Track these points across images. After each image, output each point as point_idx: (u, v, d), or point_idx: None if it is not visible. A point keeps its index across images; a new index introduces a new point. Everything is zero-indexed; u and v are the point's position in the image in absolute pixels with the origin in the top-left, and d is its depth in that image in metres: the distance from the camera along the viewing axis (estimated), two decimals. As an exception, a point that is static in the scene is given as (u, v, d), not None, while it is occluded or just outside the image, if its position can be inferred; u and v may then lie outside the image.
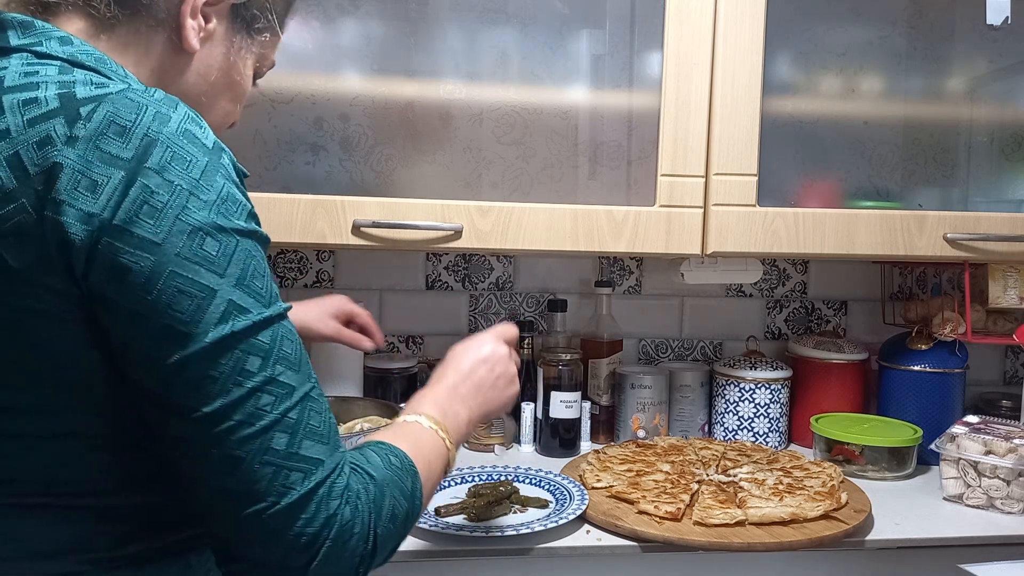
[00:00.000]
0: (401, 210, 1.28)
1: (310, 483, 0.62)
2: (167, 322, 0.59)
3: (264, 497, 0.61)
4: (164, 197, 0.59)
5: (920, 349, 1.53)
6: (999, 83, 1.43)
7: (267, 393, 0.62)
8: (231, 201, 0.62)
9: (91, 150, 0.59)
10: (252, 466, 0.61)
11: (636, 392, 1.57)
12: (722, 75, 1.32)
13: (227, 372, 0.60)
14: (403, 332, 1.68)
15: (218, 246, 0.61)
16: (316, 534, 0.62)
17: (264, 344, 0.62)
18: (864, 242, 1.36)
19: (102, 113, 0.60)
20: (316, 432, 0.64)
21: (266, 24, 0.79)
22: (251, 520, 0.61)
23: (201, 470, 0.62)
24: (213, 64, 0.76)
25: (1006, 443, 1.30)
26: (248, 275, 0.62)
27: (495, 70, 1.32)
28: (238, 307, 0.61)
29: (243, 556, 0.64)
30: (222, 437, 0.60)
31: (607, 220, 1.32)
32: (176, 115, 0.62)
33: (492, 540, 1.12)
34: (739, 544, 1.12)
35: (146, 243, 0.58)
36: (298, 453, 0.62)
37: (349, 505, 0.65)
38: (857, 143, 1.39)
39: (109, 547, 0.65)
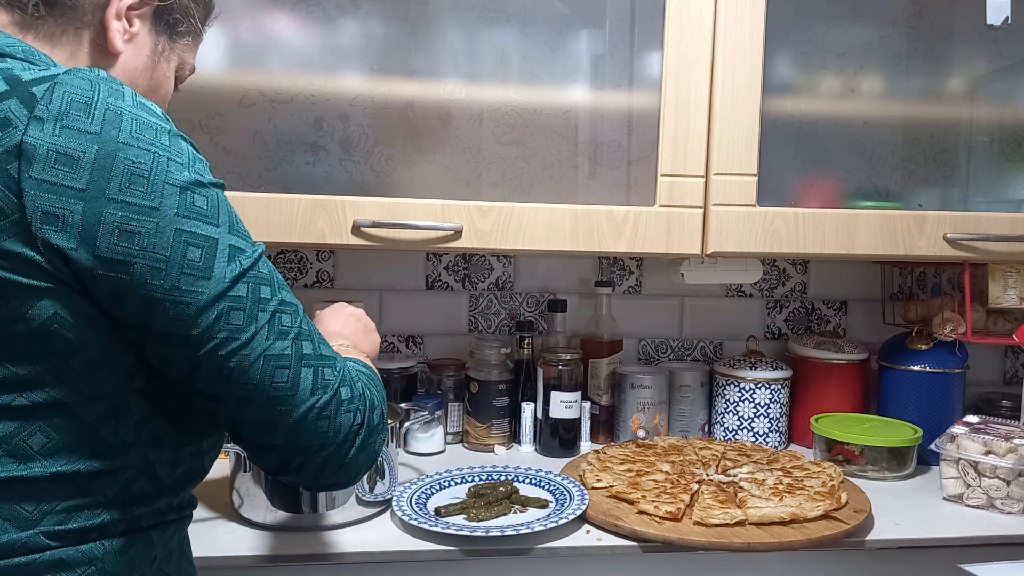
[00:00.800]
0: (401, 210, 1.28)
1: (338, 373, 0.73)
2: (187, 271, 0.65)
3: (314, 392, 0.71)
4: (147, 165, 0.65)
5: (920, 349, 1.53)
6: (999, 83, 1.43)
7: (284, 312, 0.71)
8: (197, 160, 0.69)
9: (59, 128, 0.62)
10: (296, 371, 0.70)
11: (636, 392, 1.57)
12: (722, 75, 1.32)
13: (250, 302, 0.68)
14: (403, 332, 1.68)
15: (205, 200, 0.67)
16: (356, 409, 0.74)
17: (266, 274, 0.71)
18: (864, 242, 1.36)
19: (60, 92, 0.63)
20: (320, 337, 0.75)
21: (188, 28, 0.84)
22: (308, 415, 0.70)
23: (252, 390, 0.69)
24: (138, 66, 0.80)
25: (1006, 443, 1.30)
26: (233, 221, 0.70)
27: (495, 70, 1.32)
28: (237, 249, 0.69)
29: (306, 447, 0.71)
30: (263, 355, 0.68)
31: (607, 220, 1.32)
32: (126, 91, 0.67)
33: (492, 540, 1.12)
34: (739, 544, 1.12)
35: (145, 209, 0.64)
36: (321, 353, 0.73)
37: (365, 387, 0.77)
38: (857, 143, 1.39)
39: (80, 520, 0.68)
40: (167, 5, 0.80)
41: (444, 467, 1.39)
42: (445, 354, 1.67)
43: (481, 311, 1.70)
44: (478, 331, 1.70)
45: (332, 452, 0.72)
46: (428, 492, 1.27)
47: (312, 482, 0.75)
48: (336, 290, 1.65)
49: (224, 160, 1.27)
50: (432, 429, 1.51)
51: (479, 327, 1.70)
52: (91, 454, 0.68)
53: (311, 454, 0.72)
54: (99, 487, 0.68)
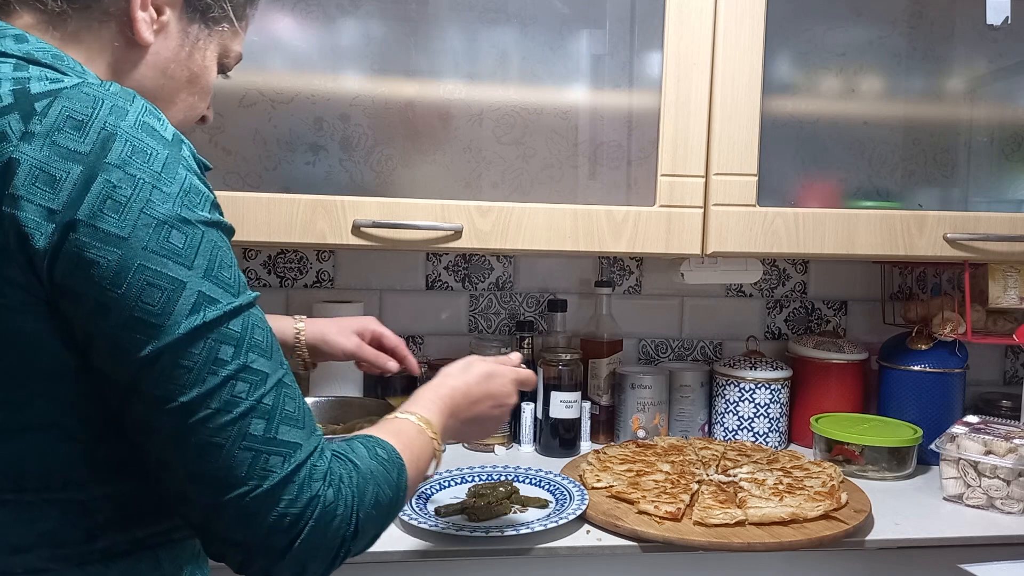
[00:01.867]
0: (401, 210, 1.28)
1: (290, 465, 0.64)
2: (137, 315, 0.59)
3: (245, 481, 0.62)
4: (127, 191, 0.59)
5: (920, 349, 1.53)
6: (999, 83, 1.43)
7: (241, 380, 0.62)
8: (194, 192, 0.63)
9: (48, 145, 0.59)
10: (232, 452, 0.61)
11: (636, 392, 1.57)
12: (722, 75, 1.32)
13: (201, 361, 0.61)
14: (403, 332, 1.68)
15: (184, 238, 0.61)
16: (299, 515, 0.63)
17: (236, 332, 0.63)
18: (864, 242, 1.36)
19: (57, 108, 0.60)
20: (291, 417, 0.65)
21: (222, 14, 0.78)
22: (232, 504, 0.62)
23: (176, 458, 0.62)
24: (169, 57, 0.75)
25: (1006, 443, 1.30)
26: (216, 266, 0.63)
27: (495, 70, 1.32)
28: (208, 298, 0.61)
29: (223, 539, 0.64)
30: (199, 425, 0.61)
31: (607, 220, 1.32)
32: (133, 108, 0.62)
33: (492, 540, 1.12)
34: (739, 544, 1.12)
35: (112, 238, 0.59)
36: (276, 438, 0.63)
37: (332, 488, 0.66)
38: (857, 143, 1.39)
39: (78, 541, 0.65)
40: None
41: (444, 467, 1.39)
42: (445, 354, 1.67)
43: (481, 311, 1.70)
44: (478, 331, 1.70)
45: (255, 552, 0.64)
46: (428, 492, 1.27)
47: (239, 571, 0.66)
48: (336, 290, 1.65)
49: (224, 160, 1.27)
50: (432, 429, 1.51)
51: (479, 327, 1.70)
52: (87, 476, 0.65)
53: (229, 546, 0.64)
54: (97, 508, 0.65)
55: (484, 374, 0.96)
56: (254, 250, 1.63)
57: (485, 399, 0.94)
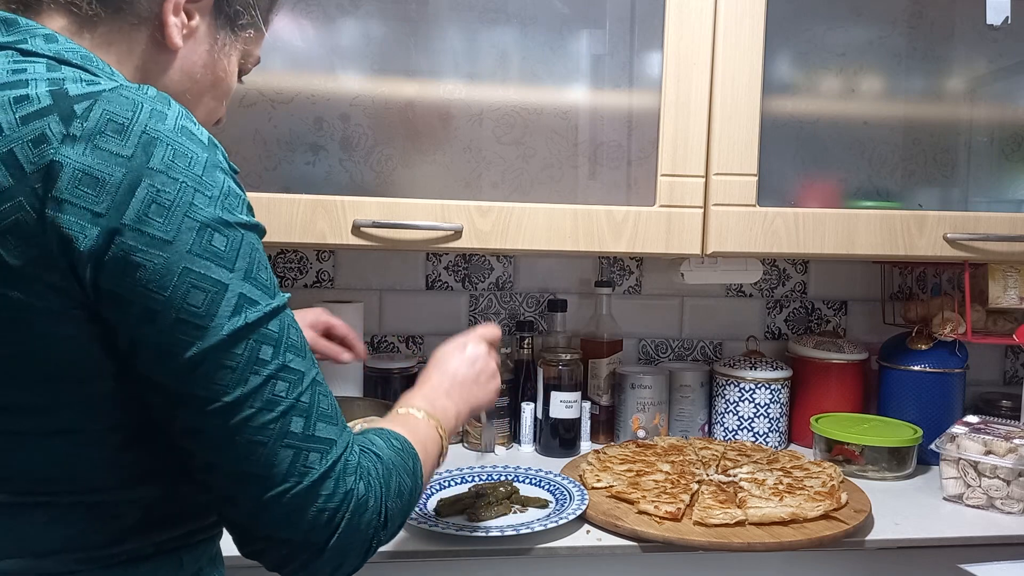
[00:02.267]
0: (401, 210, 1.28)
1: (327, 462, 0.65)
2: (183, 316, 0.60)
3: (287, 478, 0.64)
4: (171, 195, 0.60)
5: (920, 349, 1.53)
6: (999, 83, 1.43)
7: (281, 380, 0.64)
8: (232, 195, 0.64)
9: (90, 148, 0.59)
10: (274, 450, 0.63)
11: (636, 392, 1.57)
12: (722, 75, 1.32)
13: (243, 362, 0.62)
14: (403, 332, 1.68)
15: (225, 241, 0.62)
16: (336, 509, 0.65)
17: (274, 333, 0.64)
18: (864, 242, 1.36)
19: (99, 111, 0.60)
20: (326, 414, 0.67)
21: (250, 20, 0.79)
22: (274, 501, 0.64)
23: (219, 458, 0.63)
24: (197, 61, 0.76)
25: (1006, 443, 1.30)
26: (254, 268, 0.64)
27: (495, 70, 1.32)
28: (248, 299, 0.63)
29: (265, 537, 0.65)
30: (243, 424, 0.62)
31: (607, 220, 1.32)
32: (171, 112, 0.63)
33: (492, 540, 1.12)
34: (739, 544, 1.12)
35: (157, 241, 0.59)
36: (314, 435, 0.65)
37: (363, 481, 0.68)
38: (857, 143, 1.39)
39: (104, 545, 0.65)
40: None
41: (444, 467, 1.39)
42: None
43: (481, 311, 1.70)
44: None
45: (297, 548, 0.65)
46: (428, 492, 1.27)
47: (277, 569, 0.68)
48: (336, 290, 1.65)
49: (224, 160, 1.27)
50: (432, 429, 1.51)
51: (479, 327, 1.69)
52: (113, 482, 0.65)
53: (271, 544, 0.66)
54: (122, 513, 0.66)
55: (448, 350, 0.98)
56: (254, 250, 1.62)
57: (461, 365, 0.96)
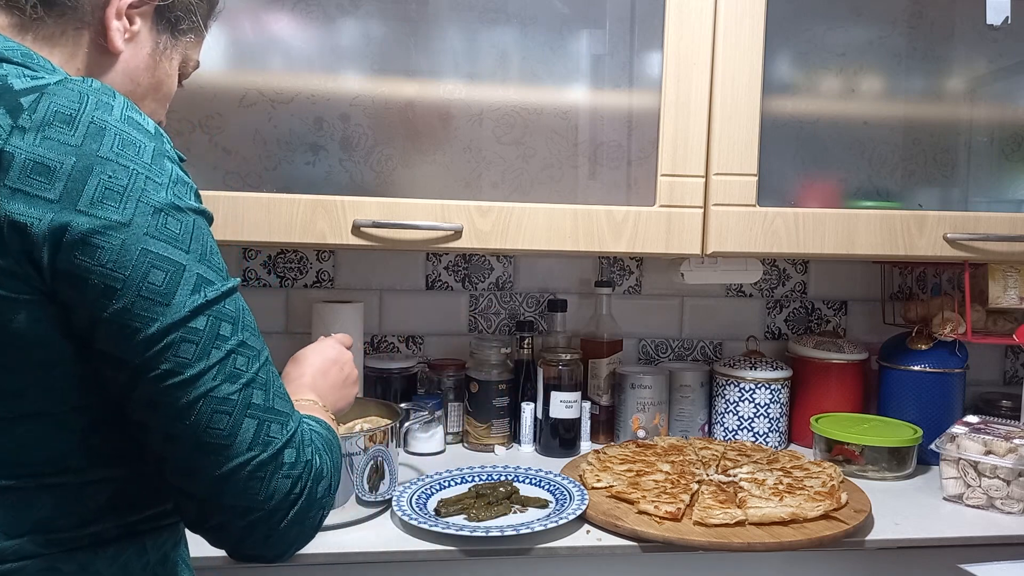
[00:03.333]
0: (401, 210, 1.28)
1: (287, 432, 0.69)
2: (144, 294, 0.62)
3: (252, 447, 0.66)
4: (123, 181, 0.62)
5: (920, 349, 1.53)
6: (999, 83, 1.43)
7: (240, 355, 0.67)
8: (181, 183, 0.66)
9: (41, 139, 0.61)
10: (238, 420, 0.65)
11: (636, 392, 1.57)
12: (722, 75, 1.32)
13: (205, 337, 0.65)
14: (403, 332, 1.68)
15: (179, 225, 0.65)
16: (298, 477, 0.68)
17: (231, 312, 0.67)
18: (864, 242, 1.36)
19: (46, 103, 0.62)
20: (281, 390, 0.70)
21: (190, 25, 0.82)
22: (238, 471, 0.65)
23: (181, 430, 0.64)
24: (139, 65, 0.78)
25: (1006, 443, 1.30)
26: (207, 251, 0.67)
27: (495, 70, 1.32)
28: (205, 279, 0.65)
29: (228, 507, 0.66)
30: (206, 395, 0.64)
31: (607, 220, 1.32)
32: (116, 103, 0.65)
33: (492, 540, 1.12)
34: (739, 544, 1.12)
35: (114, 224, 0.61)
36: (273, 407, 0.68)
37: (316, 453, 0.71)
38: (857, 143, 1.39)
39: (71, 527, 0.67)
40: (169, 3, 0.78)
41: (444, 467, 1.39)
42: (445, 354, 1.67)
43: (481, 311, 1.70)
44: (478, 331, 1.70)
45: (259, 519, 0.67)
46: (428, 492, 1.27)
47: (232, 548, 0.69)
48: (336, 290, 1.65)
49: (224, 160, 1.27)
50: (432, 429, 1.51)
51: (479, 327, 1.70)
52: (81, 464, 0.67)
53: (234, 516, 0.66)
54: (90, 495, 0.67)
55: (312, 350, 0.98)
56: (254, 250, 1.63)
57: (330, 366, 0.97)
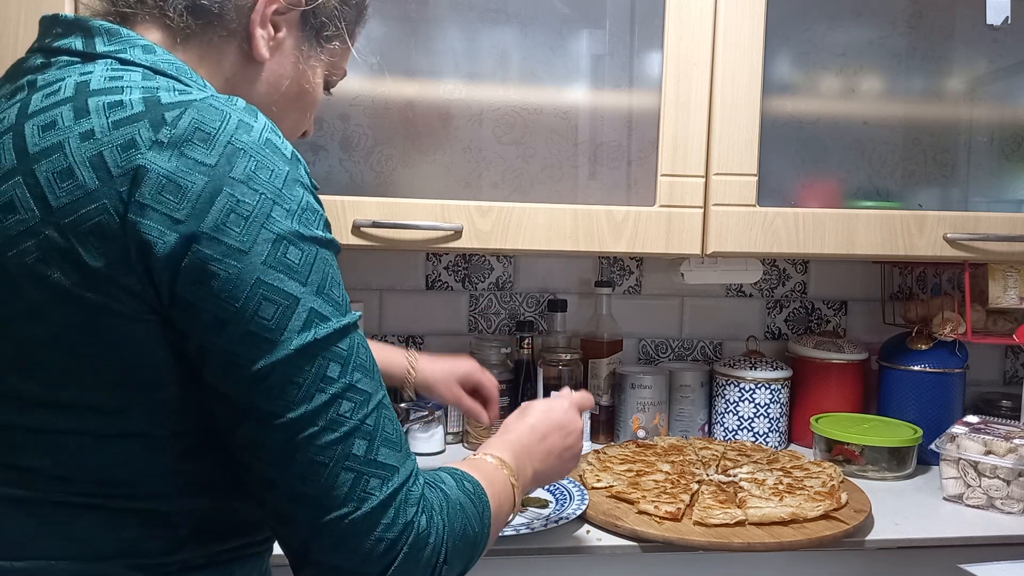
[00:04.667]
0: (401, 210, 1.28)
1: (388, 489, 0.63)
2: (253, 328, 0.60)
3: (346, 503, 0.62)
4: (250, 206, 0.60)
5: (920, 349, 1.53)
6: (999, 83, 1.43)
7: (347, 400, 0.63)
8: (310, 210, 0.64)
9: (176, 155, 0.60)
10: (335, 472, 0.62)
11: (636, 392, 1.57)
12: (722, 75, 1.32)
13: (310, 378, 0.61)
14: (403, 332, 1.68)
15: (300, 255, 0.62)
16: (395, 540, 0.63)
17: (343, 351, 0.63)
18: (864, 242, 1.36)
19: (187, 119, 0.61)
20: (390, 439, 0.65)
21: (335, 32, 0.80)
22: (331, 526, 0.62)
23: (279, 475, 0.62)
24: (283, 73, 0.77)
25: (1006, 443, 1.30)
26: (327, 284, 0.63)
27: (495, 70, 1.32)
28: (319, 315, 0.62)
29: (318, 562, 0.64)
30: (305, 443, 0.61)
31: (607, 220, 1.32)
32: (258, 124, 0.63)
33: (492, 540, 1.12)
34: (739, 544, 1.12)
35: (233, 251, 0.59)
36: (376, 460, 0.63)
37: (425, 514, 0.65)
38: (857, 143, 1.39)
39: (159, 553, 0.65)
40: (313, 9, 0.77)
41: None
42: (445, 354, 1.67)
43: (481, 311, 1.70)
44: (478, 331, 1.70)
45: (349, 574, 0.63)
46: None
47: None
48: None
49: (224, 160, 1.27)
50: (432, 429, 1.51)
51: (479, 327, 1.70)
52: (172, 490, 0.65)
53: (324, 569, 0.64)
54: (179, 522, 0.66)
55: (544, 409, 0.96)
56: (254, 250, 1.62)
57: (554, 431, 0.93)
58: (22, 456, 0.63)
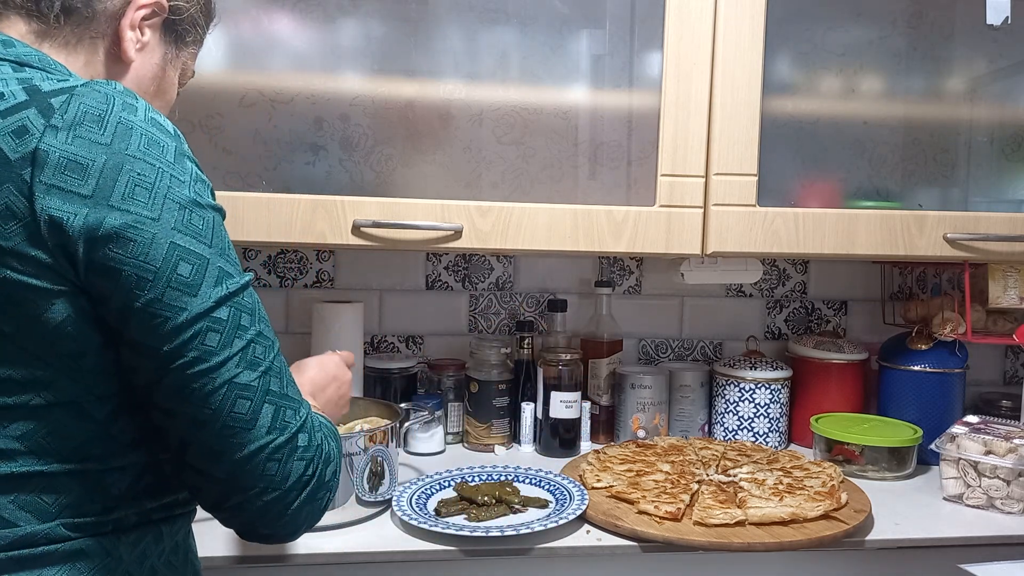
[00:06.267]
0: (401, 210, 1.28)
1: (300, 418, 0.73)
2: (173, 286, 0.66)
3: (270, 431, 0.70)
4: (151, 178, 0.66)
5: (920, 349, 1.53)
6: (999, 83, 1.43)
7: (258, 344, 0.71)
8: (200, 181, 0.70)
9: (73, 138, 0.64)
10: (258, 405, 0.69)
11: (636, 392, 1.57)
12: (722, 75, 1.32)
13: (228, 327, 0.69)
14: (403, 332, 1.68)
15: (201, 220, 0.69)
16: (310, 459, 0.72)
17: (249, 304, 0.71)
18: (864, 242, 1.36)
19: (76, 104, 0.66)
20: (291, 379, 0.74)
21: (195, 37, 0.89)
22: (258, 452, 0.69)
23: (207, 415, 0.68)
24: (147, 74, 0.83)
25: (1006, 443, 1.30)
26: (225, 246, 0.71)
27: (495, 70, 1.32)
28: (226, 272, 0.69)
29: (247, 488, 0.70)
30: (230, 382, 0.68)
31: (607, 220, 1.32)
32: (140, 105, 0.69)
33: (492, 540, 1.12)
34: (739, 544, 1.12)
35: (145, 219, 0.65)
36: (287, 394, 0.72)
37: (325, 439, 0.76)
38: (857, 143, 1.39)
39: (94, 513, 0.70)
40: (178, 18, 0.84)
41: (444, 467, 1.39)
42: (445, 354, 1.67)
43: (481, 311, 1.70)
44: (478, 331, 1.70)
45: (274, 499, 0.70)
46: (428, 492, 1.27)
47: (247, 528, 0.73)
48: (336, 290, 1.65)
49: (224, 160, 1.27)
50: (432, 429, 1.51)
51: (479, 327, 1.70)
52: (103, 451, 0.70)
53: (252, 496, 0.70)
54: (112, 482, 0.71)
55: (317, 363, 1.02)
56: (254, 250, 1.63)
57: (330, 382, 1.00)
58: None
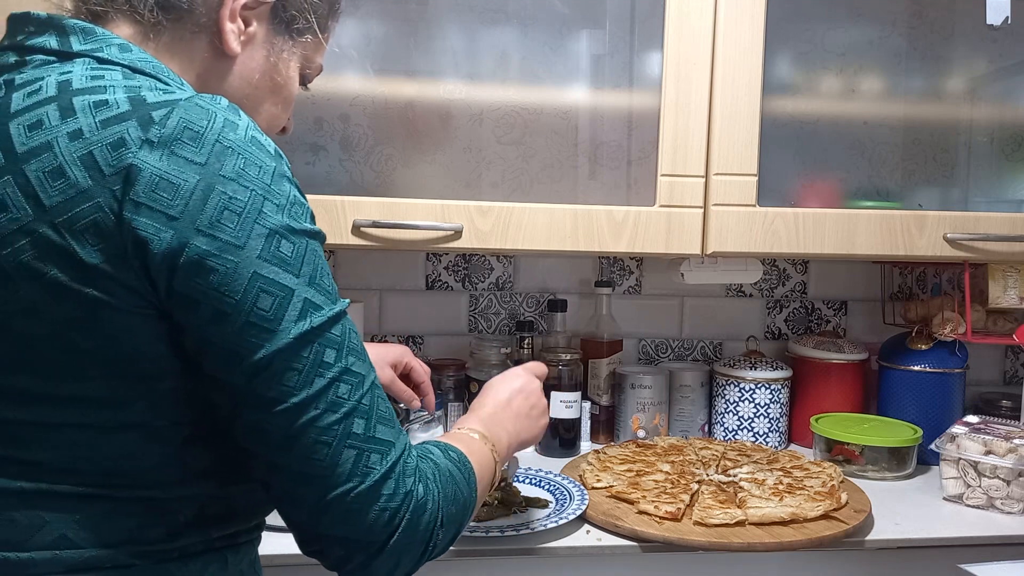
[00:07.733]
0: (401, 210, 1.28)
1: (387, 462, 0.67)
2: (252, 320, 0.62)
3: (350, 478, 0.65)
4: (243, 202, 0.62)
5: (920, 349, 1.53)
6: (999, 83, 1.43)
7: (344, 382, 0.66)
8: (298, 204, 0.66)
9: (167, 154, 0.61)
10: (337, 450, 0.65)
11: (636, 392, 1.57)
12: (722, 75, 1.32)
13: (308, 365, 0.64)
14: (403, 332, 1.68)
15: (292, 247, 0.64)
16: (396, 509, 0.67)
17: (337, 337, 0.66)
18: (864, 242, 1.36)
19: (175, 119, 0.62)
20: (384, 417, 0.69)
21: (306, 25, 0.81)
22: (336, 502, 0.65)
23: (283, 458, 0.65)
24: (255, 67, 0.78)
25: (1006, 443, 1.30)
26: (318, 274, 0.66)
27: (495, 70, 1.32)
28: (313, 304, 0.65)
29: (326, 536, 0.67)
30: (308, 426, 0.64)
31: (607, 220, 1.32)
32: (242, 122, 0.65)
33: (492, 540, 1.12)
34: (739, 544, 1.12)
35: (229, 246, 0.62)
36: (375, 436, 0.67)
37: (421, 483, 0.70)
38: (857, 143, 1.39)
39: (159, 540, 0.67)
40: (283, 3, 0.78)
41: (444, 467, 1.38)
42: (445, 354, 1.67)
43: (481, 311, 1.70)
44: (478, 331, 1.70)
45: (356, 549, 0.67)
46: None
47: (335, 568, 0.70)
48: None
49: (224, 160, 1.27)
50: (432, 429, 1.51)
51: (479, 327, 1.70)
52: (173, 478, 0.68)
53: (332, 544, 0.67)
54: (179, 508, 0.68)
55: (501, 380, 1.00)
56: (254, 250, 1.62)
57: (516, 395, 0.97)
58: (26, 450, 0.64)
